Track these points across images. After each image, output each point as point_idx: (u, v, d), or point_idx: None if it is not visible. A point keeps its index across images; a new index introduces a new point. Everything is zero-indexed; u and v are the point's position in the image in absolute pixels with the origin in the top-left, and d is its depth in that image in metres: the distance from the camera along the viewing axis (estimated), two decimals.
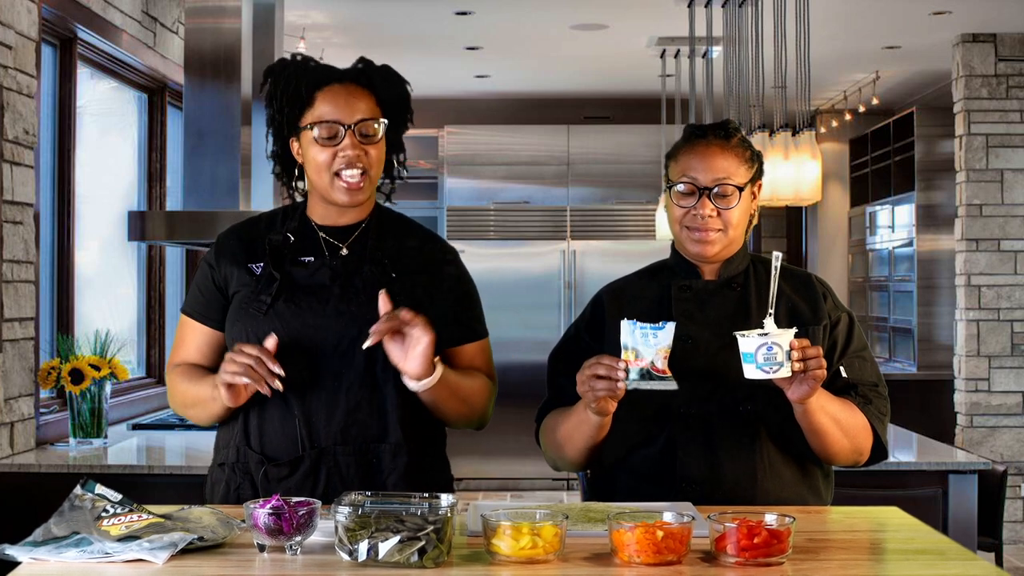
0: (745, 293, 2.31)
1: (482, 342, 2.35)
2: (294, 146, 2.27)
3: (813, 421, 2.16)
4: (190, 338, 2.31)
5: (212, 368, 2.29)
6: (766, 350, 2.01)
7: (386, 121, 2.26)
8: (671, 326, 2.03)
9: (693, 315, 2.28)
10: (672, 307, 2.30)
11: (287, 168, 2.31)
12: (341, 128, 2.20)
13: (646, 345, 2.02)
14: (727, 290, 2.32)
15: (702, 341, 2.26)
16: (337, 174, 2.20)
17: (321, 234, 2.28)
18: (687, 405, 2.23)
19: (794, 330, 2.06)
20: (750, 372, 2.02)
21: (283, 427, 2.20)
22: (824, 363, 2.07)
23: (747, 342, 2.02)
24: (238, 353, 2.09)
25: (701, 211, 2.25)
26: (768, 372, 1.98)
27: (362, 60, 2.29)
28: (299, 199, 2.35)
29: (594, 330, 2.37)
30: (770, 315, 2.08)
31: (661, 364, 2.01)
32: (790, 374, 2.02)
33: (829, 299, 2.34)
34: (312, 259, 2.25)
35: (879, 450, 2.31)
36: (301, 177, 2.31)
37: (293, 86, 2.23)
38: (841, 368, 2.29)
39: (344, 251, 2.26)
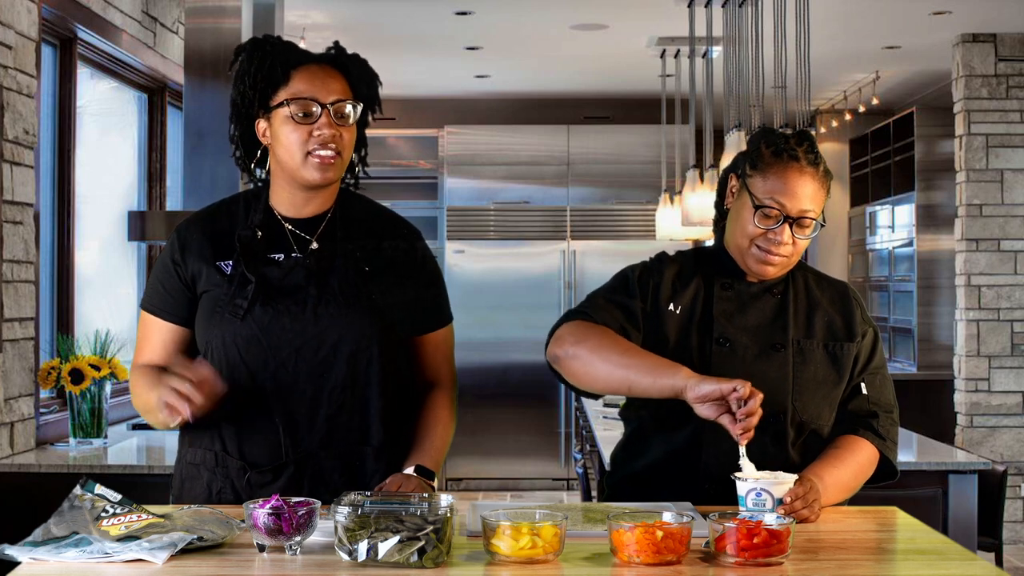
0: (784, 300, 2.31)
1: (449, 327, 2.35)
2: (259, 127, 2.20)
3: (829, 502, 2.19)
4: (155, 336, 2.25)
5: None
6: (755, 496, 2.02)
7: (361, 104, 2.22)
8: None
9: (732, 317, 2.28)
10: (713, 305, 2.29)
11: (249, 151, 2.24)
12: (317, 106, 2.15)
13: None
14: (767, 295, 2.32)
15: (740, 345, 2.26)
16: (311, 152, 2.15)
17: (288, 226, 2.23)
18: None
19: (793, 479, 2.05)
20: (742, 513, 2.00)
21: (264, 434, 2.16)
22: (817, 513, 2.08)
23: (742, 486, 2.03)
24: (179, 380, 2.05)
25: (779, 237, 2.22)
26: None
27: (336, 44, 2.25)
28: (258, 183, 2.29)
29: (645, 288, 2.32)
30: (743, 455, 2.05)
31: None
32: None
33: (859, 313, 2.35)
34: (282, 256, 2.20)
35: (890, 472, 2.33)
36: (263, 161, 2.25)
37: (268, 63, 2.18)
38: (862, 384, 2.32)
39: (314, 245, 2.22)
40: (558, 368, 2.27)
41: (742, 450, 2.03)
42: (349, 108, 2.18)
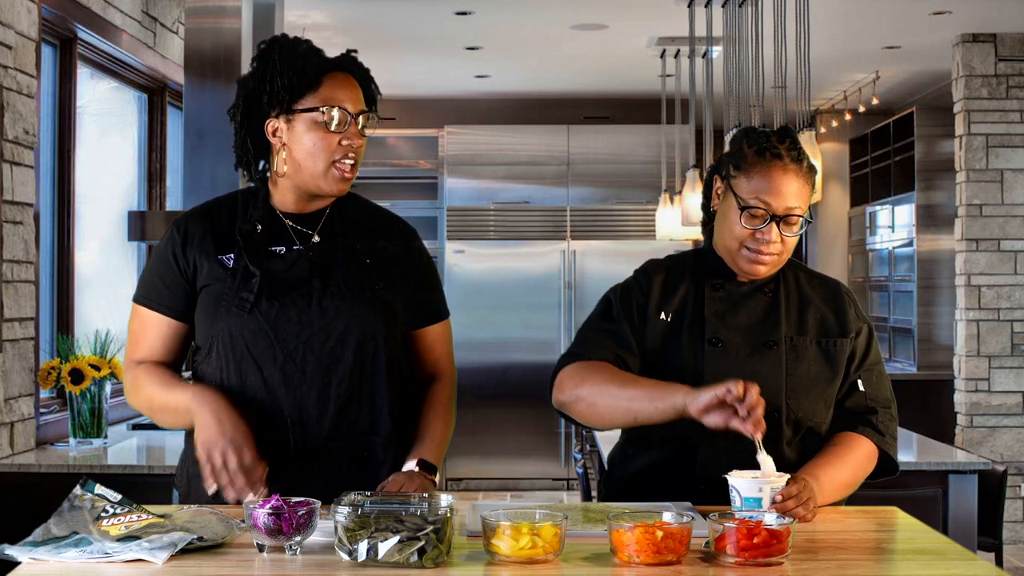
0: (775, 298, 2.31)
1: (446, 322, 2.37)
2: (270, 127, 2.20)
3: (827, 501, 2.19)
4: (153, 331, 2.24)
5: (176, 361, 2.28)
6: (731, 492, 2.03)
7: (374, 115, 2.24)
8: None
9: (724, 317, 2.28)
10: (704, 306, 2.29)
11: (257, 149, 2.24)
12: (348, 116, 2.17)
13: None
14: (758, 294, 2.32)
15: (732, 345, 2.26)
16: (335, 162, 2.17)
17: (288, 222, 2.24)
18: None
19: (785, 479, 2.04)
20: (739, 512, 1.99)
21: (273, 427, 2.17)
22: (813, 512, 2.07)
23: (730, 481, 2.04)
24: (227, 459, 2.08)
25: (767, 236, 2.22)
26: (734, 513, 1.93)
27: (352, 52, 2.26)
28: (257, 181, 2.28)
29: (629, 308, 2.33)
30: (760, 449, 2.05)
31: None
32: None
33: (852, 309, 2.35)
34: (284, 249, 2.21)
35: (891, 468, 2.33)
36: (258, 159, 2.25)
37: (302, 64, 2.17)
38: (859, 381, 2.32)
39: (316, 238, 2.23)
40: (565, 412, 2.30)
41: (758, 443, 2.03)
42: (370, 119, 2.21)
